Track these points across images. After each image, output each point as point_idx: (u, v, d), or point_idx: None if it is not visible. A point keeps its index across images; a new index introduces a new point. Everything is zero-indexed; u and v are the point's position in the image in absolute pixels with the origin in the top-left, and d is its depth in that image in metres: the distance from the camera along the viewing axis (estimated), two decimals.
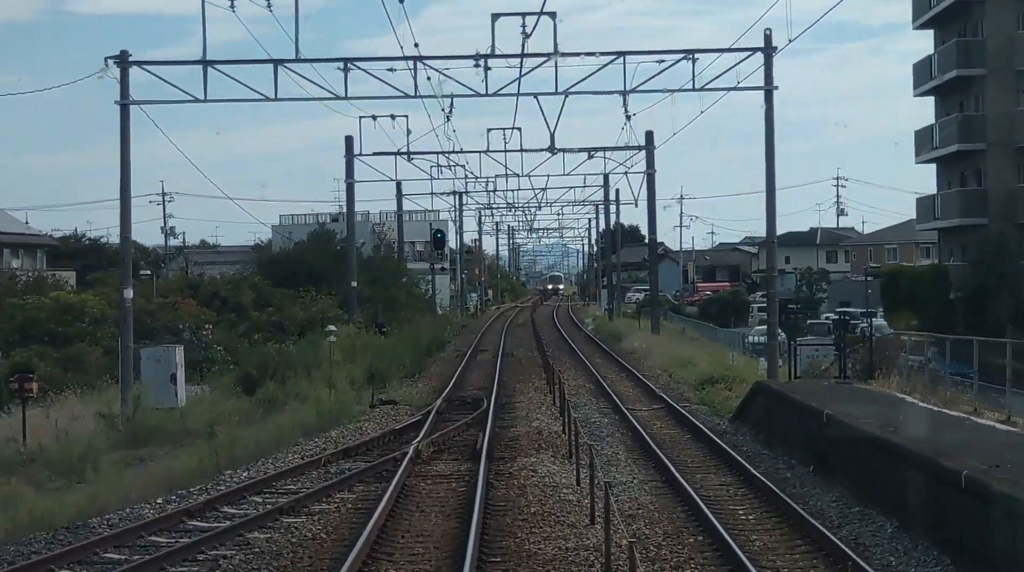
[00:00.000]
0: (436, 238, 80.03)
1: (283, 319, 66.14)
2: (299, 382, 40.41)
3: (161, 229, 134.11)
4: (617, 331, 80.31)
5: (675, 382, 48.24)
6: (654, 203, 69.51)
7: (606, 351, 64.52)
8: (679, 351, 56.92)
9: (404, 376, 51.99)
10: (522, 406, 39.78)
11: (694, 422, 34.26)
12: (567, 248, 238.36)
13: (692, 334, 75.17)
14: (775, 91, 39.00)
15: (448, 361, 60.97)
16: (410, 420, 35.68)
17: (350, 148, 66.75)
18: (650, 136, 68.63)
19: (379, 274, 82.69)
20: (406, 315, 77.26)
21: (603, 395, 43.33)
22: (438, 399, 41.06)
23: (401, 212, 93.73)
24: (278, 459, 29.24)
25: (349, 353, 49.58)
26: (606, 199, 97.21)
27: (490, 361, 59.98)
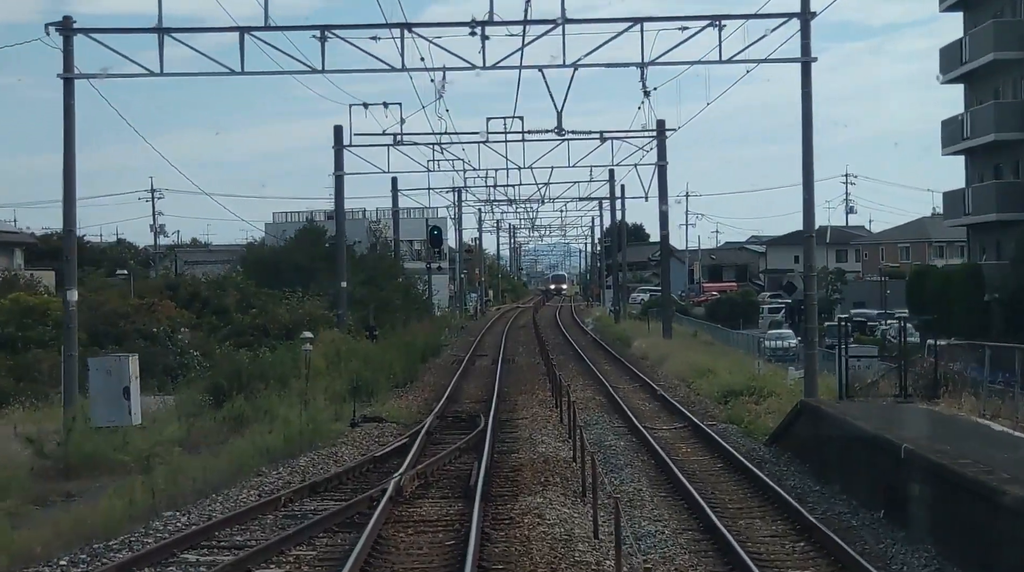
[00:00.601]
0: (433, 235, 74.91)
1: (267, 322, 61.06)
2: (270, 397, 35.21)
3: (151, 227, 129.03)
4: (624, 334, 75.13)
5: (695, 394, 43.03)
6: (666, 196, 64.54)
7: (615, 357, 59.30)
8: (695, 357, 51.71)
9: (395, 386, 46.87)
10: (524, 424, 34.62)
11: (726, 447, 29.07)
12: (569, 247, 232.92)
13: (705, 338, 69.96)
14: (813, 63, 33.81)
15: (444, 368, 55.78)
16: (395, 443, 30.49)
17: (339, 138, 61.61)
18: (662, 125, 63.46)
19: (373, 274, 77.56)
20: (401, 317, 72.07)
21: (616, 410, 38.16)
22: (429, 415, 35.91)
23: (397, 209, 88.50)
24: (230, 497, 24.04)
25: (333, 361, 44.42)
26: (612, 194, 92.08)
27: (489, 368, 54.81)
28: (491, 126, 60.80)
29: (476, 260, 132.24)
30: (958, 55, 64.76)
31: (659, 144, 63.83)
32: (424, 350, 61.45)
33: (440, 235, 74.70)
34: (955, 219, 69.64)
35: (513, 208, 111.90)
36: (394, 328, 68.84)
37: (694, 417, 35.26)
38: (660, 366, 53.22)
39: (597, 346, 68.77)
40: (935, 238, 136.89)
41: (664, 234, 65.22)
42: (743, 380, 42.21)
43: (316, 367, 42.25)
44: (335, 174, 62.46)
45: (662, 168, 64.26)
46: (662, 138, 63.82)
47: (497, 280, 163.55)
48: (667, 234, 65.26)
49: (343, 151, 61.86)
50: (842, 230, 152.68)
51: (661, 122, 63.96)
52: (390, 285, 79.06)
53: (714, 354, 54.11)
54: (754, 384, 41.47)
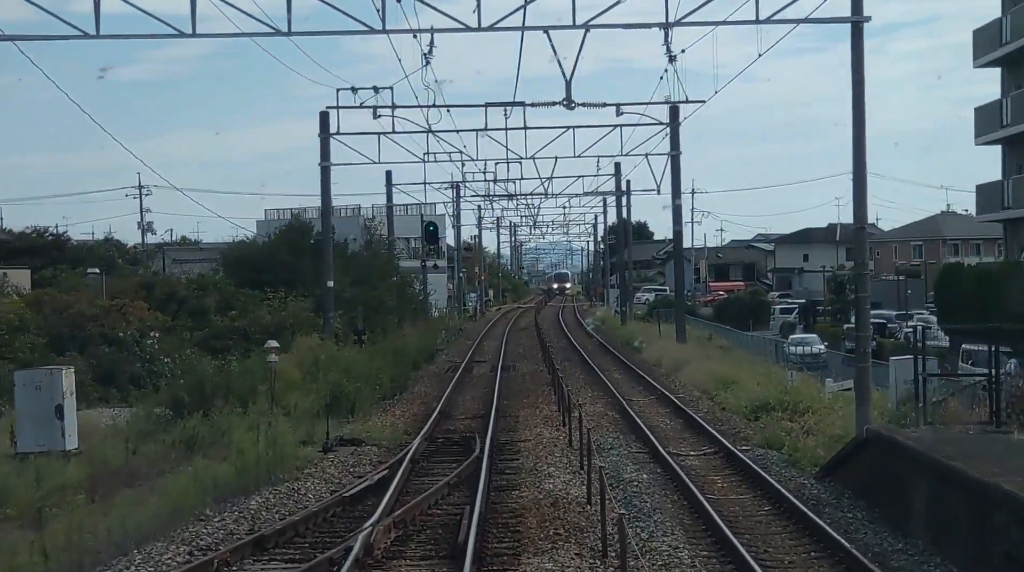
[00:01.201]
0: (428, 231, 69.75)
1: (247, 325, 55.89)
2: (230, 415, 29.92)
3: (138, 224, 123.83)
4: (633, 337, 69.84)
5: (720, 409, 37.70)
6: (679, 189, 59.10)
7: (625, 364, 54.00)
8: (715, 365, 46.40)
9: (381, 398, 41.64)
10: (528, 449, 29.34)
11: (771, 483, 23.77)
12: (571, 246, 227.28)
13: (720, 341, 64.67)
14: (866, 24, 28.56)
15: (438, 377, 50.49)
16: (372, 475, 25.23)
17: (325, 125, 56.31)
18: (675, 112, 58.18)
19: (365, 273, 72.32)
20: (393, 319, 66.81)
21: (632, 429, 32.88)
22: (417, 436, 30.66)
23: (391, 204, 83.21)
24: (152, 556, 18.73)
25: (310, 371, 39.12)
26: (617, 188, 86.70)
27: (488, 376, 49.56)
28: (490, 113, 55.75)
29: (475, 258, 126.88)
30: (996, 36, 59.44)
31: (672, 131, 58.56)
32: (417, 356, 56.23)
33: (436, 231, 69.49)
34: (990, 214, 64.28)
35: (514, 204, 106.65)
36: (386, 331, 63.69)
37: (724, 439, 29.98)
38: (676, 375, 47.92)
39: (604, 351, 63.50)
40: (949, 235, 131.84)
41: (678, 230, 59.99)
42: (774, 393, 36.95)
43: (289, 378, 37.02)
44: (321, 164, 57.17)
45: (675, 158, 59.00)
46: (675, 125, 58.56)
47: (497, 279, 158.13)
48: (681, 230, 60.09)
49: (330, 140, 56.61)
50: (852, 228, 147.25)
51: (675, 108, 58.70)
52: (383, 285, 73.83)
53: (734, 361, 48.82)
54: (786, 398, 36.23)
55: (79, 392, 45.20)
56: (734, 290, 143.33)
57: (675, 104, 58.66)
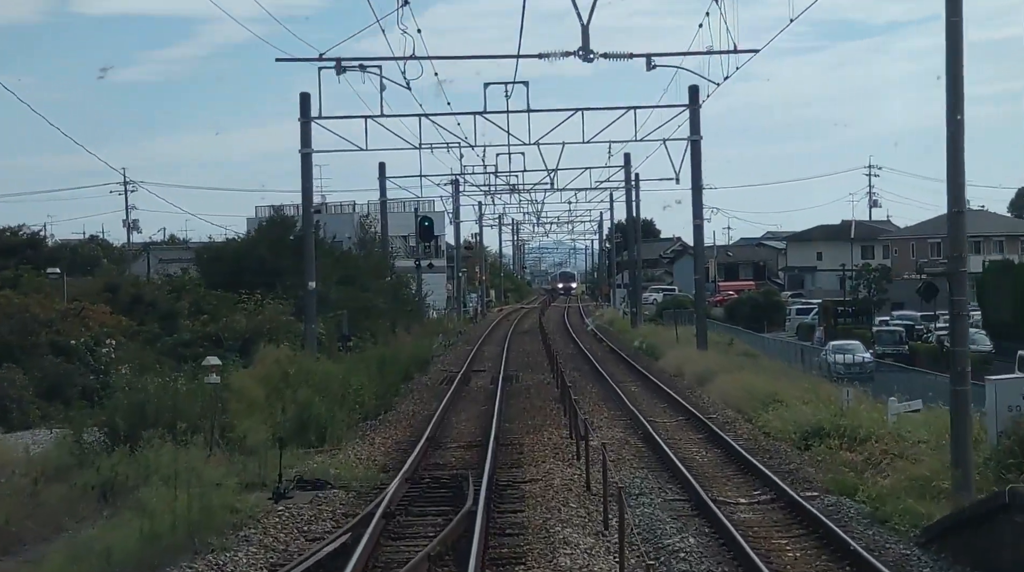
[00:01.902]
0: (423, 227, 63.35)
1: (221, 331, 49.68)
2: (160, 450, 23.54)
3: (123, 222, 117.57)
4: (647, 341, 63.50)
5: (763, 434, 31.24)
6: (700, 176, 52.61)
7: (642, 373, 47.57)
8: (747, 378, 39.91)
9: (363, 419, 35.33)
10: (535, 496, 22.92)
11: (861, 554, 17.43)
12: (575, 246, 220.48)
13: (742, 346, 58.30)
14: None
15: (430, 390, 44.11)
16: (328, 541, 18.87)
17: (305, 108, 49.98)
18: (695, 92, 51.77)
19: (355, 273, 66.05)
20: (385, 323, 60.47)
21: (663, 464, 26.47)
22: (398, 475, 24.31)
23: (385, 199, 76.73)
24: None
25: (277, 389, 32.74)
26: (627, 181, 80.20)
27: (487, 390, 43.22)
28: (490, 94, 49.47)
29: (476, 257, 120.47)
30: None
31: (692, 114, 52.10)
32: (409, 365, 49.86)
33: (431, 227, 63.21)
34: None
35: (516, 200, 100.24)
36: (376, 337, 57.46)
37: (780, 480, 23.60)
38: (703, 388, 41.52)
39: (616, 358, 57.08)
40: (970, 232, 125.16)
41: (698, 223, 53.46)
42: (825, 415, 30.58)
43: (250, 399, 30.70)
44: (302, 151, 50.81)
45: (695, 144, 52.50)
46: (695, 108, 52.14)
47: (499, 279, 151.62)
48: (701, 224, 53.49)
49: (311, 124, 50.28)
50: (867, 225, 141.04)
51: (694, 88, 52.31)
52: (375, 286, 67.55)
53: (767, 372, 42.37)
54: (842, 422, 29.87)
55: (17, 409, 39.02)
56: (744, 290, 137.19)
57: (692, 86, 52.48)
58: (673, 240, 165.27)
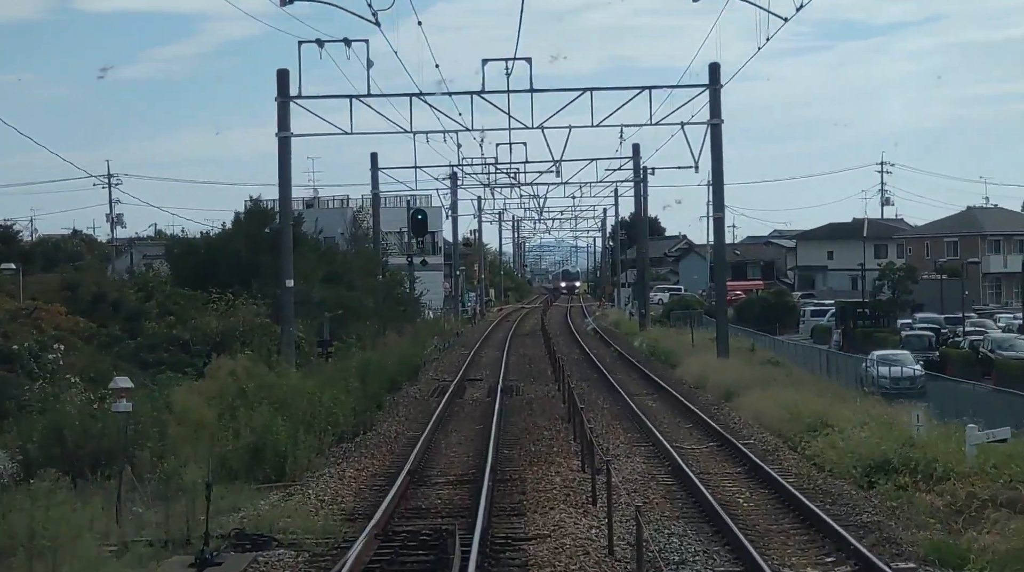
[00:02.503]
0: (416, 221, 57.78)
1: (188, 333, 44.23)
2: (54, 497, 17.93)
3: (107, 217, 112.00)
4: (659, 346, 57.94)
5: (814, 468, 25.57)
6: (721, 164, 46.98)
7: (659, 385, 41.87)
8: (782, 394, 34.28)
9: (337, 441, 29.79)
10: (542, 563, 17.36)
11: None
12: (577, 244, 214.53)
13: (764, 353, 52.66)
14: None
15: (419, 405, 38.45)
16: None
17: (283, 87, 44.58)
18: (715, 71, 46.28)
19: (342, 270, 60.53)
20: (374, 326, 54.88)
21: (705, 514, 20.76)
22: (365, 528, 18.77)
23: (377, 191, 71.11)
24: None
25: (231, 409, 27.16)
26: (636, 169, 74.55)
27: (483, 404, 37.66)
28: (488, 71, 44.23)
29: (475, 254, 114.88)
30: None
31: (712, 96, 46.47)
32: (397, 372, 44.25)
33: (425, 221, 57.61)
34: None
35: (517, 195, 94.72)
36: (364, 341, 51.97)
37: (859, 543, 18.03)
38: (731, 405, 35.88)
39: (627, 365, 51.44)
40: (990, 231, 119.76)
41: (719, 216, 47.80)
42: (892, 445, 25.02)
43: (196, 421, 25.16)
44: (279, 135, 45.33)
45: (716, 129, 46.90)
46: (716, 88, 46.54)
47: (499, 277, 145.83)
48: (723, 217, 47.90)
49: (289, 105, 44.79)
50: (880, 223, 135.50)
51: (715, 66, 46.82)
52: (364, 284, 61.99)
53: (804, 387, 36.61)
54: (912, 454, 24.31)
55: None
56: (753, 290, 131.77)
57: (713, 63, 46.96)
58: (678, 238, 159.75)
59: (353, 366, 39.84)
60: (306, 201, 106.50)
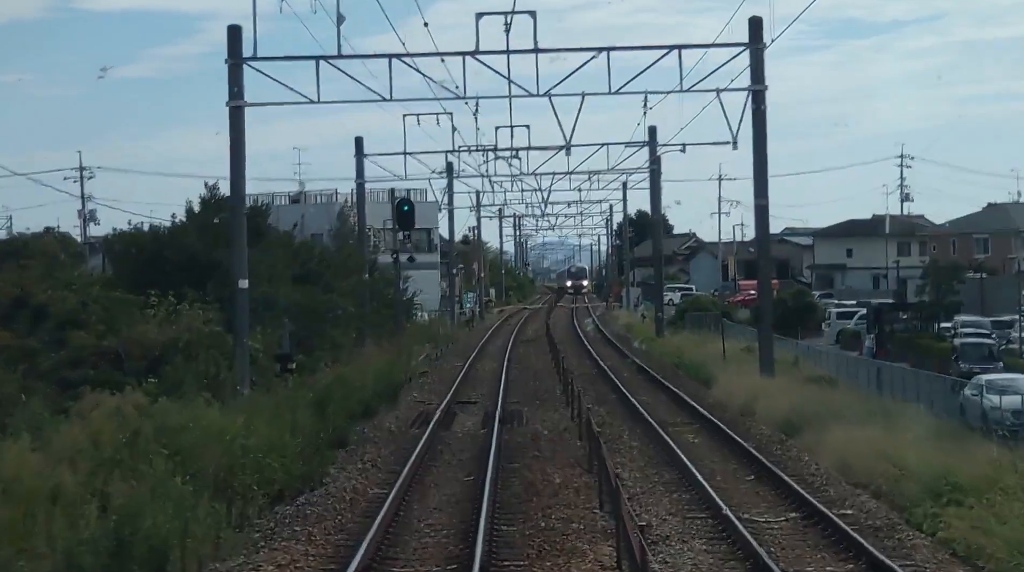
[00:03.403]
0: (402, 212, 49.15)
1: (123, 345, 35.72)
2: None
3: (79, 213, 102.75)
4: (684, 357, 49.28)
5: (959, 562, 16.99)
6: (764, 140, 38.14)
7: (695, 409, 33.09)
8: (861, 430, 25.60)
9: (265, 508, 21.12)
10: None
11: None
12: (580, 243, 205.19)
13: (811, 368, 43.71)
14: None
15: (392, 442, 29.44)
16: None
17: (235, 46, 36.19)
18: (757, 27, 37.62)
19: (319, 269, 51.98)
20: (351, 334, 46.21)
21: None
22: None
23: (363, 180, 62.18)
24: None
25: (110, 462, 18.59)
26: (652, 154, 65.72)
27: (475, 441, 28.92)
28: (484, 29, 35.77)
29: (474, 252, 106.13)
30: None
31: (753, 56, 37.76)
32: (371, 396, 35.50)
33: (411, 212, 48.96)
34: None
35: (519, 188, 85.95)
36: (339, 352, 43.59)
37: None
38: (798, 444, 27.10)
39: (652, 382, 42.57)
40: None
41: (762, 204, 38.95)
42: None
43: (37, 494, 16.57)
44: (231, 104, 36.83)
45: (758, 95, 38.18)
46: (758, 47, 37.85)
47: (500, 276, 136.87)
48: (766, 204, 39.13)
49: (242, 67, 36.29)
50: (903, 219, 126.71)
51: (756, 21, 38.20)
52: (345, 285, 53.39)
53: (890, 420, 27.87)
54: None
55: None
56: None
57: (754, 17, 38.32)
58: (688, 236, 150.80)
59: (314, 390, 31.27)
60: (291, 196, 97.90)
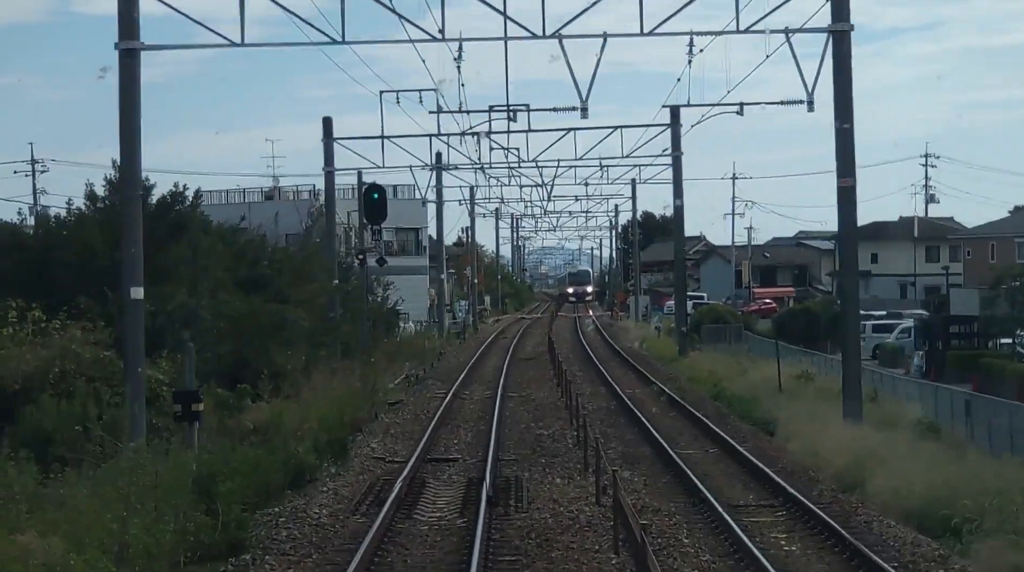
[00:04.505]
0: (370, 200, 38.37)
1: None
2: None
3: (31, 209, 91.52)
4: (723, 386, 38.64)
5: None
6: (849, 98, 27.37)
7: (775, 482, 22.42)
8: None
9: None
10: None
11: None
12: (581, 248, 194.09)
13: (896, 408, 32.84)
14: None
15: (314, 547, 18.82)
16: None
17: None
18: None
19: (269, 273, 41.54)
20: (299, 356, 35.39)
21: None
22: None
23: (332, 169, 51.24)
24: None
25: None
26: (674, 141, 55.07)
27: (449, 539, 18.36)
28: None
29: (468, 256, 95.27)
30: None
31: None
32: (308, 454, 24.77)
33: (382, 201, 38.14)
34: None
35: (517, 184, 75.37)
36: (280, 381, 33.15)
37: None
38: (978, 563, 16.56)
39: (695, 427, 31.33)
40: None
41: (848, 184, 28.29)
42: None
43: None
44: (120, 46, 26.24)
45: (840, 38, 27.62)
46: None
47: (497, 283, 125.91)
48: (853, 184, 28.43)
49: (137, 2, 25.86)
50: (931, 222, 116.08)
51: None
52: (301, 292, 42.81)
53: None
54: None
55: None
56: (784, 297, 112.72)
57: None
58: (697, 239, 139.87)
59: (206, 458, 20.63)
60: (265, 192, 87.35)
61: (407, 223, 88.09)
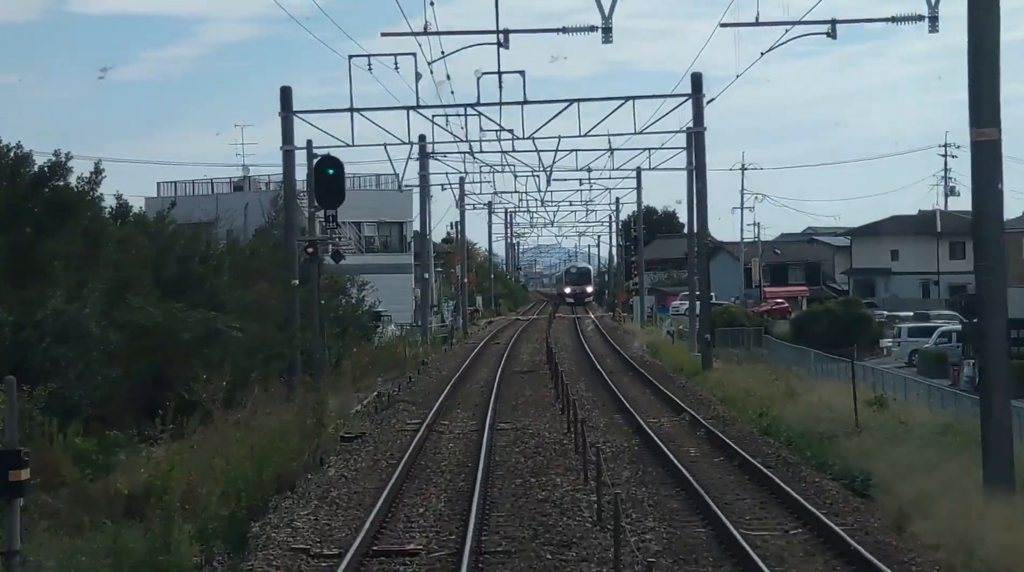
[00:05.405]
0: (323, 176, 29.36)
1: None
2: None
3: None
4: (770, 413, 29.72)
5: None
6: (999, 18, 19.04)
7: None
8: None
9: None
10: None
11: None
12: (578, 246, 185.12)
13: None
14: None
15: None
16: None
17: None
18: None
19: (195, 272, 32.77)
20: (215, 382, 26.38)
21: None
22: None
23: (291, 148, 41.71)
24: None
25: None
26: (696, 108, 46.08)
27: None
28: None
29: (457, 253, 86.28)
30: None
31: None
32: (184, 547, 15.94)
33: (338, 177, 29.15)
34: None
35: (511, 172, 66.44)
36: (193, 414, 24.31)
37: None
38: None
39: (748, 475, 22.73)
40: None
41: (986, 136, 19.45)
42: None
43: None
44: None
45: None
46: None
47: (490, 282, 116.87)
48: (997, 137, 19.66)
49: None
50: (954, 216, 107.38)
51: None
52: (243, 294, 34.00)
53: None
54: None
55: None
56: (798, 297, 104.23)
57: None
58: None
59: None
60: (235, 183, 78.46)
61: (392, 217, 79.53)
